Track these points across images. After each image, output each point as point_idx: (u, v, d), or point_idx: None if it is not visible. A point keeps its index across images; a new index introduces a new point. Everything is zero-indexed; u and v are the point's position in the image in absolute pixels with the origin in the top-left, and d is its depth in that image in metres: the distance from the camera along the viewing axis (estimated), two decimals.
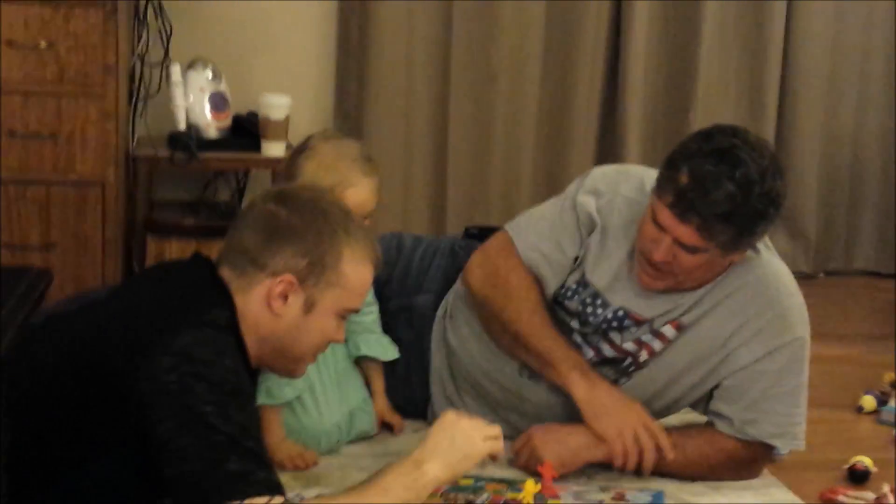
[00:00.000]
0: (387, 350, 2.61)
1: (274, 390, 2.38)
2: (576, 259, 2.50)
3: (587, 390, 2.41)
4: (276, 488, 1.81)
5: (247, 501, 1.76)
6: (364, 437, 2.57)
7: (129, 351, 1.84)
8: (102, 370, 1.85)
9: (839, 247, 4.70)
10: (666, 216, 2.27)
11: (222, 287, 1.97)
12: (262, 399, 2.38)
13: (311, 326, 2.00)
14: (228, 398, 1.82)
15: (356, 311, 2.09)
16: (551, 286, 2.51)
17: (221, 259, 2.00)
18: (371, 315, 2.60)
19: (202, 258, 2.04)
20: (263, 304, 1.96)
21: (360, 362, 2.60)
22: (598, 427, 2.39)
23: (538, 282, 2.51)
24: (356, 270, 2.01)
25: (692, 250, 2.29)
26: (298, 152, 2.41)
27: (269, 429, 2.40)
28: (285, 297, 1.95)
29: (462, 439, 1.98)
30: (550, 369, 2.46)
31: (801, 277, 4.35)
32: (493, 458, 2.02)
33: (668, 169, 2.29)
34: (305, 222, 1.98)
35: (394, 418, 2.62)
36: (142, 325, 1.89)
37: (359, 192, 2.38)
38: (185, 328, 1.84)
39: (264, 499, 1.78)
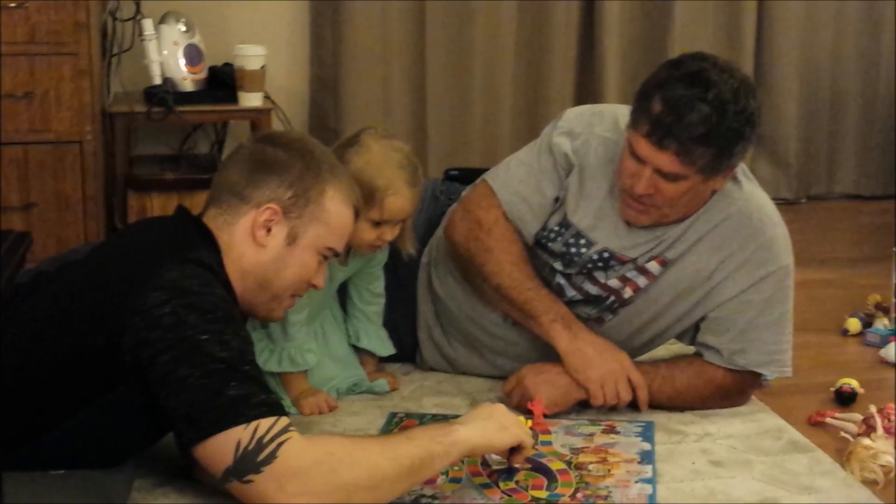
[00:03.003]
0: (384, 345, 2.62)
1: (297, 358, 2.41)
2: (556, 200, 2.50)
3: (569, 342, 2.43)
4: (278, 409, 1.83)
5: (253, 423, 1.78)
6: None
7: (118, 291, 1.86)
8: (93, 313, 1.86)
9: (821, 172, 4.72)
10: (644, 146, 2.27)
11: (206, 232, 2.00)
12: (285, 366, 2.40)
13: (293, 260, 2.03)
14: (222, 325, 1.84)
15: (336, 254, 2.11)
16: (532, 229, 2.51)
17: (208, 203, 2.04)
18: (376, 306, 2.61)
19: (185, 210, 2.06)
20: (248, 235, 2.00)
21: (357, 351, 2.61)
22: (581, 378, 2.41)
23: (519, 232, 2.51)
24: (338, 209, 2.06)
25: (673, 178, 2.29)
26: (348, 145, 2.40)
27: (294, 385, 2.43)
28: (269, 229, 1.99)
29: (500, 415, 2.02)
30: (532, 321, 2.47)
31: (784, 203, 4.41)
32: (522, 448, 2.05)
33: (641, 100, 2.29)
34: (291, 157, 2.02)
35: (390, 379, 2.62)
36: (128, 266, 1.92)
37: (399, 200, 2.38)
38: (171, 264, 1.87)
39: (270, 420, 1.79)
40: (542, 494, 2.08)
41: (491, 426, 1.99)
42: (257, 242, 2.01)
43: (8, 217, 3.25)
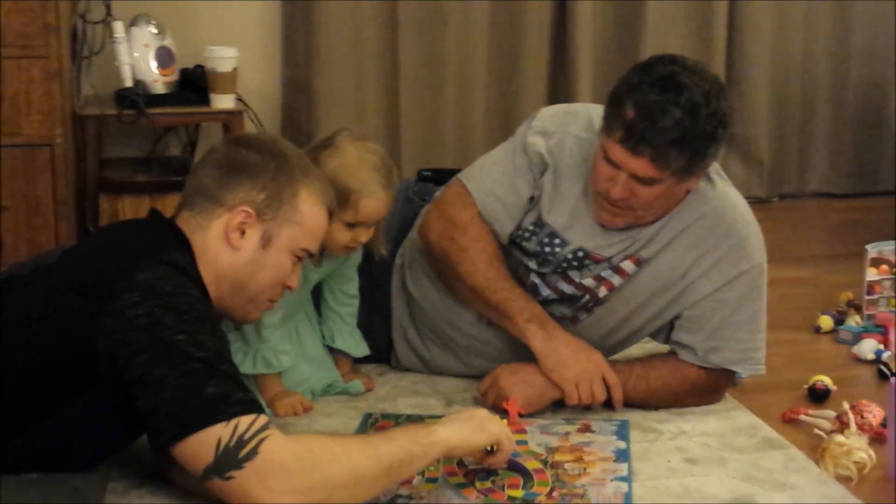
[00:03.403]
0: (359, 346, 2.62)
1: (271, 360, 2.40)
2: (531, 200, 2.50)
3: (544, 341, 2.43)
4: (257, 407, 1.82)
5: (234, 420, 1.77)
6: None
7: (92, 292, 1.85)
8: (66, 317, 1.85)
9: (792, 170, 4.74)
10: (618, 152, 2.27)
11: (179, 234, 1.99)
12: (259, 368, 2.39)
13: (268, 262, 2.03)
14: (198, 325, 1.84)
15: (310, 255, 2.11)
16: (507, 228, 2.51)
17: (181, 206, 2.03)
18: (350, 307, 2.60)
19: (158, 213, 2.06)
20: (222, 238, 1.99)
21: (332, 352, 2.61)
22: (556, 378, 2.42)
23: (494, 231, 2.51)
24: (312, 210, 2.05)
25: (648, 182, 2.29)
26: (322, 147, 2.39)
27: (268, 386, 2.42)
28: (242, 231, 1.99)
29: (481, 417, 2.02)
30: (507, 321, 2.47)
31: (757, 202, 4.43)
32: (499, 450, 2.04)
33: (614, 105, 2.29)
34: (263, 159, 2.02)
35: (365, 380, 2.62)
36: (101, 269, 1.91)
37: (374, 202, 2.38)
38: (144, 265, 1.86)
39: (250, 417, 1.78)
40: (519, 493, 2.08)
41: (469, 427, 1.99)
42: (231, 245, 2.00)
43: None
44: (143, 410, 1.81)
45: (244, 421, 1.78)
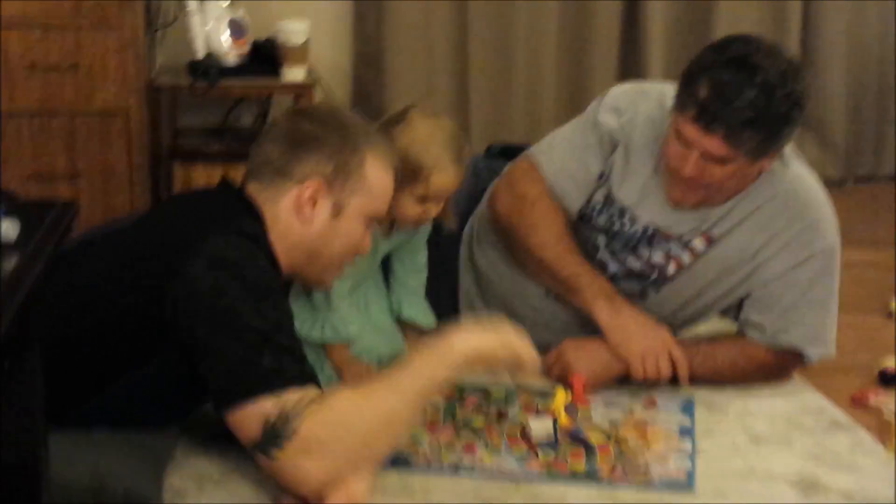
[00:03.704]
0: (426, 317, 2.62)
1: (339, 328, 2.42)
2: (600, 176, 2.49)
3: (612, 317, 2.42)
4: (309, 379, 1.85)
5: (283, 396, 1.80)
6: None
7: (162, 258, 1.88)
8: (138, 280, 1.89)
9: (867, 153, 4.67)
10: (691, 130, 2.26)
11: (249, 203, 2.01)
12: (328, 336, 2.41)
13: (340, 231, 2.04)
14: (262, 296, 1.86)
15: (380, 221, 2.13)
16: (576, 204, 2.51)
17: (248, 176, 2.05)
18: (418, 279, 2.61)
19: (229, 182, 2.08)
20: (293, 211, 2.00)
21: (399, 322, 2.62)
22: (622, 353, 2.41)
23: (563, 208, 2.51)
24: (379, 175, 2.06)
25: (720, 161, 2.27)
26: (394, 122, 2.41)
27: (337, 354, 2.44)
28: (314, 203, 2.00)
29: (494, 325, 2.03)
30: (575, 296, 2.47)
31: (831, 184, 4.34)
32: (522, 369, 2.03)
33: (687, 84, 2.27)
34: (327, 130, 2.03)
35: None
36: (173, 235, 1.94)
37: (445, 177, 2.38)
38: (215, 234, 1.89)
39: (299, 393, 1.81)
40: (581, 467, 2.08)
41: (479, 329, 1.99)
42: (303, 217, 2.01)
43: (55, 186, 3.29)
44: (202, 377, 1.85)
45: (292, 397, 1.81)
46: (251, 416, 1.81)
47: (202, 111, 3.95)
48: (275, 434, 1.80)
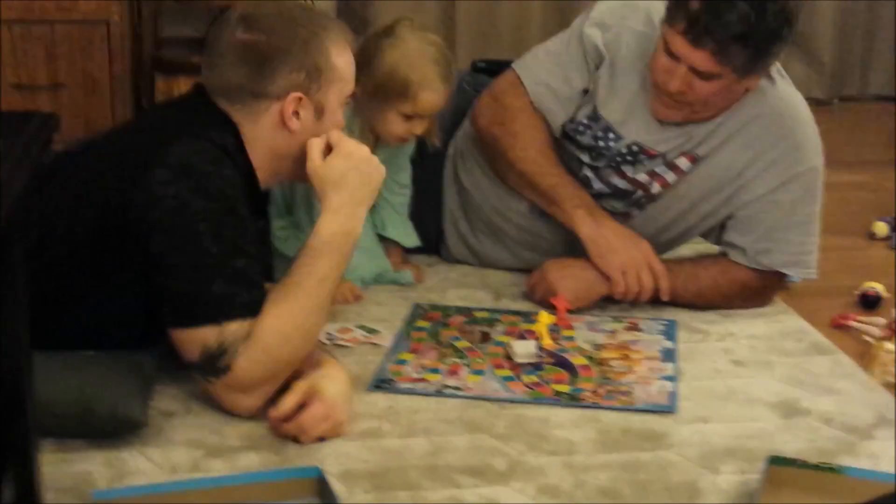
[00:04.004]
0: (409, 236, 2.62)
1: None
2: (585, 92, 2.47)
3: (592, 228, 2.42)
4: (256, 310, 1.86)
5: (224, 325, 1.83)
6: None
7: (127, 166, 1.87)
8: (106, 191, 1.88)
9: (854, 72, 4.65)
10: (680, 44, 2.24)
11: (220, 112, 1.97)
12: None
13: (325, 126, 2.00)
14: (223, 215, 1.85)
15: (352, 96, 2.07)
16: (559, 119, 2.50)
17: (214, 96, 1.98)
18: (402, 197, 2.60)
19: (203, 91, 2.02)
20: (278, 126, 1.97)
21: (383, 241, 2.61)
22: (603, 264, 2.41)
23: (546, 121, 2.50)
24: (344, 59, 2.00)
25: (707, 77, 2.26)
26: (383, 36, 2.37)
27: None
28: (297, 113, 1.96)
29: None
30: (556, 207, 2.47)
31: (816, 104, 4.34)
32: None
33: None
34: (286, 38, 1.95)
35: (414, 270, 2.63)
36: (140, 143, 1.93)
37: (433, 95, 2.37)
38: (182, 139, 1.87)
39: (239, 324, 1.84)
40: (565, 388, 2.10)
41: (344, 196, 1.95)
42: (290, 130, 1.98)
43: (36, 96, 3.26)
44: (153, 288, 1.87)
45: (232, 328, 1.83)
46: (192, 340, 1.85)
47: (185, 21, 3.90)
48: (211, 363, 1.85)
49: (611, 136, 2.45)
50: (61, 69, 3.27)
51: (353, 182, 1.96)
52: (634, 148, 2.44)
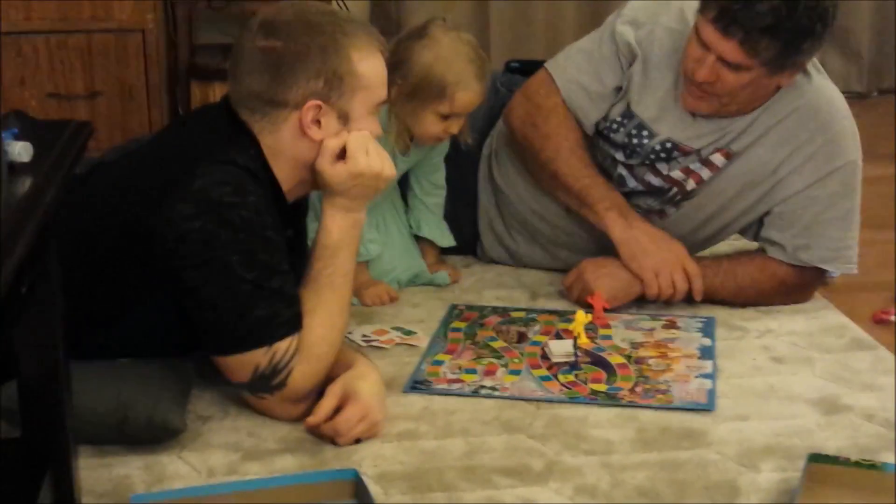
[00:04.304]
0: (445, 236, 2.62)
1: (359, 248, 2.40)
2: (618, 90, 2.46)
3: (624, 230, 2.41)
4: (299, 323, 1.88)
5: (273, 347, 1.85)
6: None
7: (151, 198, 1.85)
8: (133, 218, 1.87)
9: (892, 65, 4.60)
10: (709, 32, 2.23)
11: (241, 128, 1.93)
12: None
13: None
14: (253, 242, 1.84)
15: (385, 102, 2.02)
16: (592, 118, 2.49)
17: (236, 106, 1.94)
18: (437, 198, 2.60)
19: (229, 100, 1.98)
20: (298, 136, 1.92)
21: (418, 242, 2.61)
22: (635, 267, 2.40)
23: (579, 121, 2.49)
24: (369, 65, 1.93)
25: (735, 68, 2.25)
26: (415, 37, 2.37)
27: (356, 275, 2.43)
28: (318, 122, 1.91)
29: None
30: (587, 209, 2.46)
31: (854, 97, 4.32)
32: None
33: None
34: (304, 44, 1.89)
35: (450, 271, 2.63)
36: (162, 172, 1.90)
37: (469, 95, 2.37)
38: (203, 170, 1.84)
39: (288, 342, 1.86)
40: (602, 387, 2.09)
41: (344, 201, 1.95)
42: (311, 139, 1.92)
43: (74, 105, 3.28)
44: (193, 321, 1.87)
45: (282, 347, 1.85)
46: (242, 364, 1.86)
47: (219, 28, 3.91)
48: (264, 382, 1.87)
49: (644, 133, 2.44)
50: (97, 78, 3.30)
51: (355, 191, 1.95)
52: (668, 145, 2.43)
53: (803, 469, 1.76)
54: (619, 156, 2.48)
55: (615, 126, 2.47)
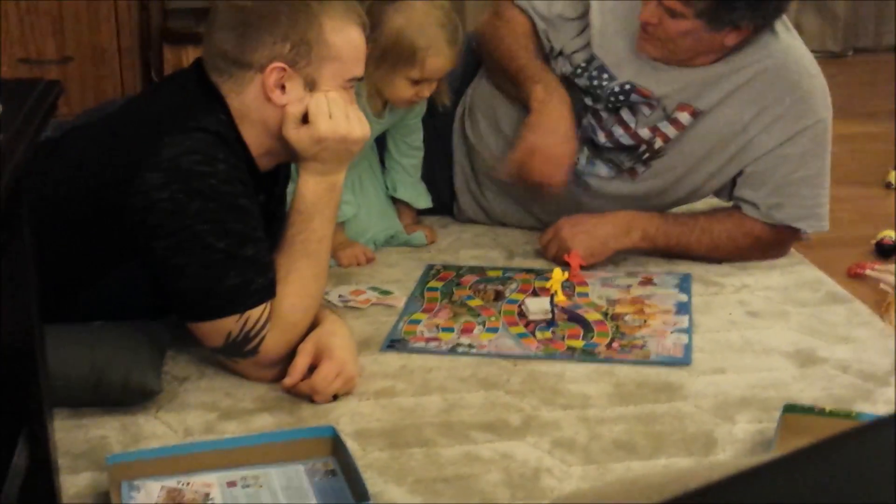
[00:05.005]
0: (421, 197, 2.62)
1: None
2: (581, 28, 2.48)
3: (542, 102, 2.40)
4: (271, 293, 1.88)
5: (245, 315, 1.84)
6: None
7: (120, 166, 1.84)
8: (104, 186, 1.85)
9: (868, 24, 4.60)
10: None
11: (211, 91, 1.90)
12: None
13: None
14: (224, 210, 1.82)
15: (360, 79, 1.98)
16: (545, 42, 2.52)
17: (206, 66, 1.92)
18: (413, 159, 2.60)
19: (202, 66, 1.95)
20: (263, 100, 1.88)
21: (395, 203, 2.61)
22: (523, 135, 2.39)
23: (529, 15, 2.53)
24: (343, 37, 1.90)
25: (672, 14, 2.29)
26: (387, 0, 2.35)
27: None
28: (282, 87, 1.88)
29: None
30: (520, 89, 2.47)
31: (830, 56, 4.33)
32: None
33: None
34: (274, 6, 1.87)
35: (427, 231, 2.62)
36: (133, 139, 1.88)
37: (440, 60, 2.35)
38: (171, 138, 1.81)
39: (260, 309, 1.86)
40: (578, 343, 2.09)
41: (316, 165, 1.92)
42: (276, 103, 1.88)
43: (46, 70, 3.25)
44: (164, 288, 1.87)
45: (254, 315, 1.85)
46: (214, 331, 1.87)
47: None
48: (236, 348, 1.87)
49: (605, 76, 2.45)
50: (69, 42, 3.26)
51: (324, 155, 1.91)
52: (627, 86, 2.43)
53: (779, 420, 1.77)
54: (588, 100, 2.49)
55: (579, 71, 2.48)
